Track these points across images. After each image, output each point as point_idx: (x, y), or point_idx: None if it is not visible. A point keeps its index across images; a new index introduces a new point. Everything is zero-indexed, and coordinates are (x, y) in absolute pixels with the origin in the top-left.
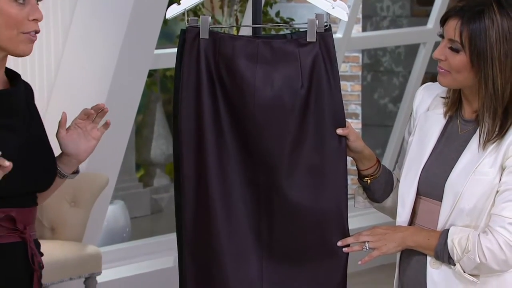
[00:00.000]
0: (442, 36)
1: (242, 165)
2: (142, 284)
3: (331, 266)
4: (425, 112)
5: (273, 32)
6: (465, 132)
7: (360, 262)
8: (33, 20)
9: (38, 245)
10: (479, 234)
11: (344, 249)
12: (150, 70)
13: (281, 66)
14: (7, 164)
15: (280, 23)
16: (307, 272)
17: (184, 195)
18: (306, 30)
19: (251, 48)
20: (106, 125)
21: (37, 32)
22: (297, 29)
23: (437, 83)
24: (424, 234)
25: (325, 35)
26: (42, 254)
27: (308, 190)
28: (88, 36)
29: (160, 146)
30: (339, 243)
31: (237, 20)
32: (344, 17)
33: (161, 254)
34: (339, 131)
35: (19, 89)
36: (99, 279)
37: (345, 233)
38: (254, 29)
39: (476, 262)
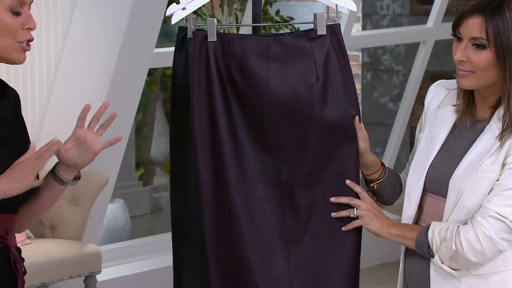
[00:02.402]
0: (458, 37)
1: (262, 164)
2: (142, 283)
3: (354, 258)
4: (436, 109)
5: (272, 31)
6: (474, 132)
7: (343, 228)
8: (27, 29)
9: (19, 251)
10: (458, 226)
11: (333, 214)
12: (150, 69)
13: (294, 61)
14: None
15: (280, 22)
16: (335, 264)
17: (202, 200)
18: (307, 29)
19: (261, 46)
20: (111, 118)
21: (30, 40)
22: (297, 28)
23: (450, 80)
24: (408, 225)
25: (334, 27)
26: (23, 260)
27: (330, 181)
28: (88, 35)
29: (160, 145)
30: (332, 199)
31: (237, 19)
32: (353, 7)
33: (161, 253)
34: (356, 120)
35: (9, 100)
36: (99, 277)
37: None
38: (254, 28)
39: (452, 251)
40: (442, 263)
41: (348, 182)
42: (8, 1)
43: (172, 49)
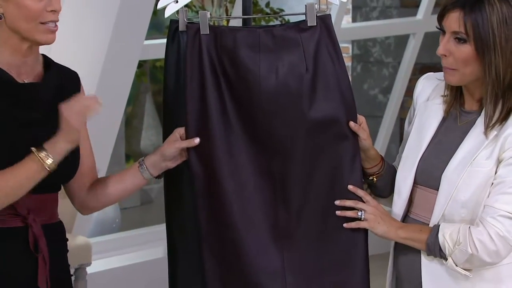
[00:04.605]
0: (442, 31)
1: (254, 156)
2: (132, 275)
3: (351, 250)
4: (425, 102)
5: (263, 23)
6: (464, 124)
7: (345, 224)
8: (51, 11)
9: (58, 230)
10: (469, 227)
11: (337, 212)
12: (139, 61)
13: (284, 53)
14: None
15: (270, 14)
16: (329, 257)
17: (195, 192)
18: (299, 20)
19: (252, 38)
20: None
21: (54, 21)
22: (287, 19)
23: (438, 73)
24: (416, 226)
25: (325, 18)
26: (66, 239)
27: (323, 174)
28: (77, 27)
29: (150, 137)
30: (337, 202)
31: (227, 10)
32: (335, 0)
33: (151, 245)
34: (351, 124)
35: (50, 82)
36: (89, 270)
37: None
38: (244, 20)
39: (468, 254)
40: (456, 266)
41: (350, 187)
42: None
43: (162, 41)
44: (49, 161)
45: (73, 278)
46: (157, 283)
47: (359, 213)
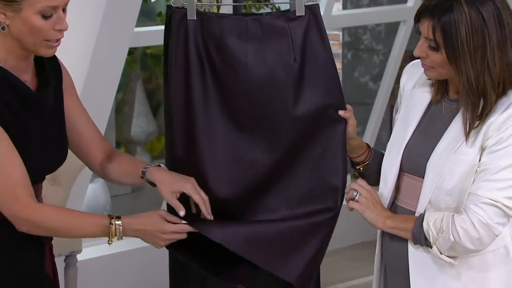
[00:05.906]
0: (419, 32)
1: (236, 143)
2: (122, 262)
3: (315, 246)
4: (411, 90)
5: (253, 11)
6: (449, 111)
7: (349, 205)
8: (58, 30)
9: None
10: (453, 215)
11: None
12: (130, 48)
13: (272, 42)
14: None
15: (260, 1)
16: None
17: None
18: (287, 9)
19: (240, 26)
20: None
21: (59, 38)
22: (277, 7)
23: None
24: (403, 216)
25: (313, 7)
26: None
27: (308, 161)
28: (67, 14)
29: (140, 124)
30: (349, 209)
31: None
32: None
33: None
34: (341, 113)
35: (49, 88)
36: (79, 257)
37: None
38: (234, 7)
39: (450, 241)
40: (441, 253)
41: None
42: (40, 7)
43: (153, 28)
44: (114, 237)
45: (63, 265)
46: (147, 270)
47: (354, 193)
